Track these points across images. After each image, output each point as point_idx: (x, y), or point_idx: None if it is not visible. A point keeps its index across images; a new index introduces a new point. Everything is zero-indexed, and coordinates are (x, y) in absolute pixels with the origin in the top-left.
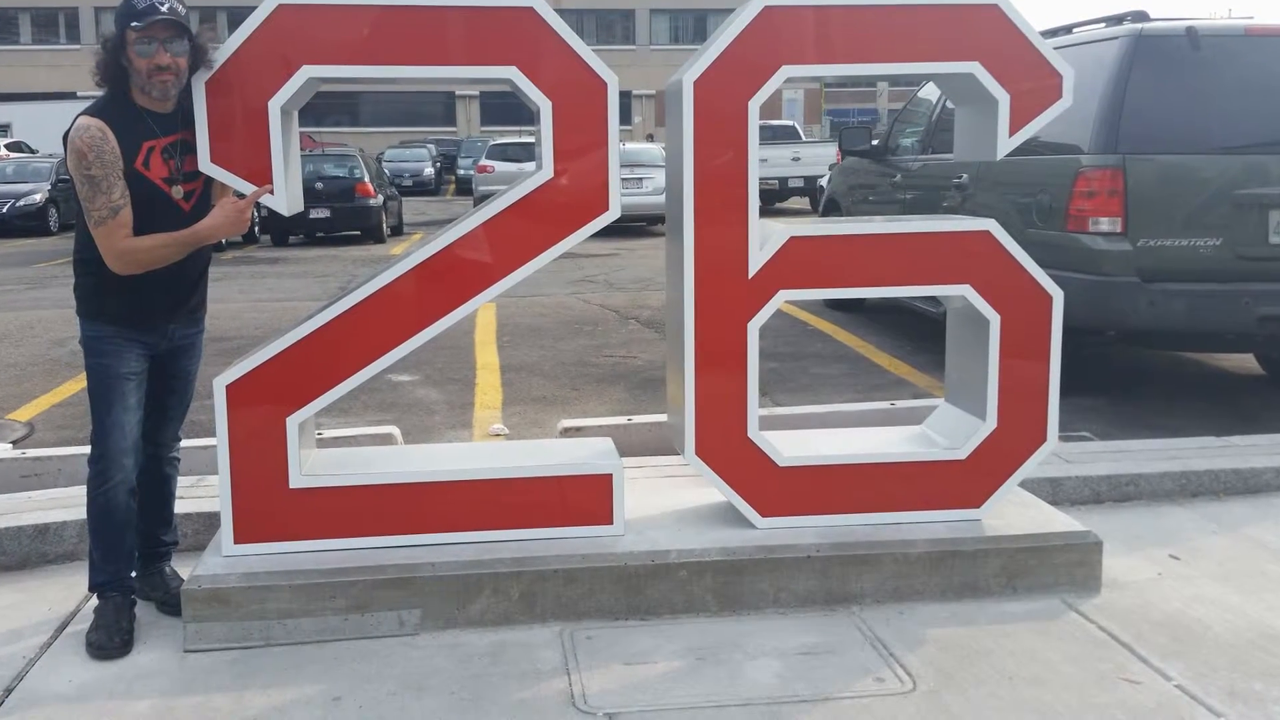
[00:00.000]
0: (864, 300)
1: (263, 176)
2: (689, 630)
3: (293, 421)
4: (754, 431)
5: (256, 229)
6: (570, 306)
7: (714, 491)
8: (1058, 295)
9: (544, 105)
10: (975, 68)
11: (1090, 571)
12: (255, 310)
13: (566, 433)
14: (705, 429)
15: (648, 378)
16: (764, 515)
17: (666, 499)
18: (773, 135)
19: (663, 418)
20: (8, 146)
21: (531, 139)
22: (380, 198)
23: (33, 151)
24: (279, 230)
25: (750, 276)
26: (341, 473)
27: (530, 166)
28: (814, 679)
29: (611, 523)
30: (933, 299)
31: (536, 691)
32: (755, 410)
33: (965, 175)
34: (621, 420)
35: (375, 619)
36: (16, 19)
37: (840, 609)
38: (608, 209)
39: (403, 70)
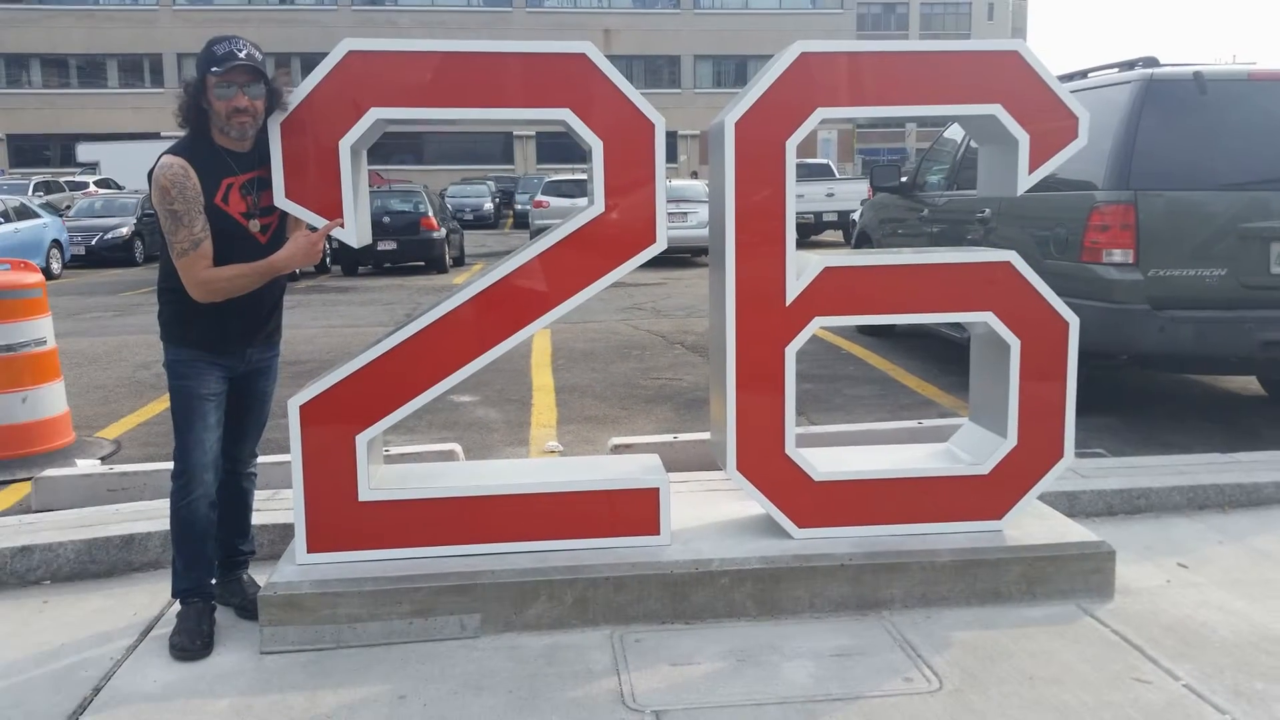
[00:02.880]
0: (894, 326)
1: (334, 211)
2: (730, 634)
3: (362, 439)
4: (791, 448)
5: (328, 260)
6: (620, 332)
7: (754, 504)
8: (1074, 321)
9: (596, 144)
10: (997, 110)
11: (1104, 579)
12: (327, 335)
13: (617, 449)
14: (745, 446)
15: (692, 399)
16: (800, 526)
17: (709, 511)
18: (808, 173)
19: (706, 435)
20: (97, 183)
21: (584, 176)
22: (443, 230)
23: (120, 188)
24: (349, 261)
25: (787, 304)
26: (407, 487)
27: (583, 202)
28: (847, 679)
29: (658, 533)
30: (958, 325)
31: (588, 691)
32: (792, 428)
33: (988, 210)
34: (668, 438)
35: (438, 623)
36: (105, 65)
37: (871, 613)
38: (655, 241)
39: (464, 112)
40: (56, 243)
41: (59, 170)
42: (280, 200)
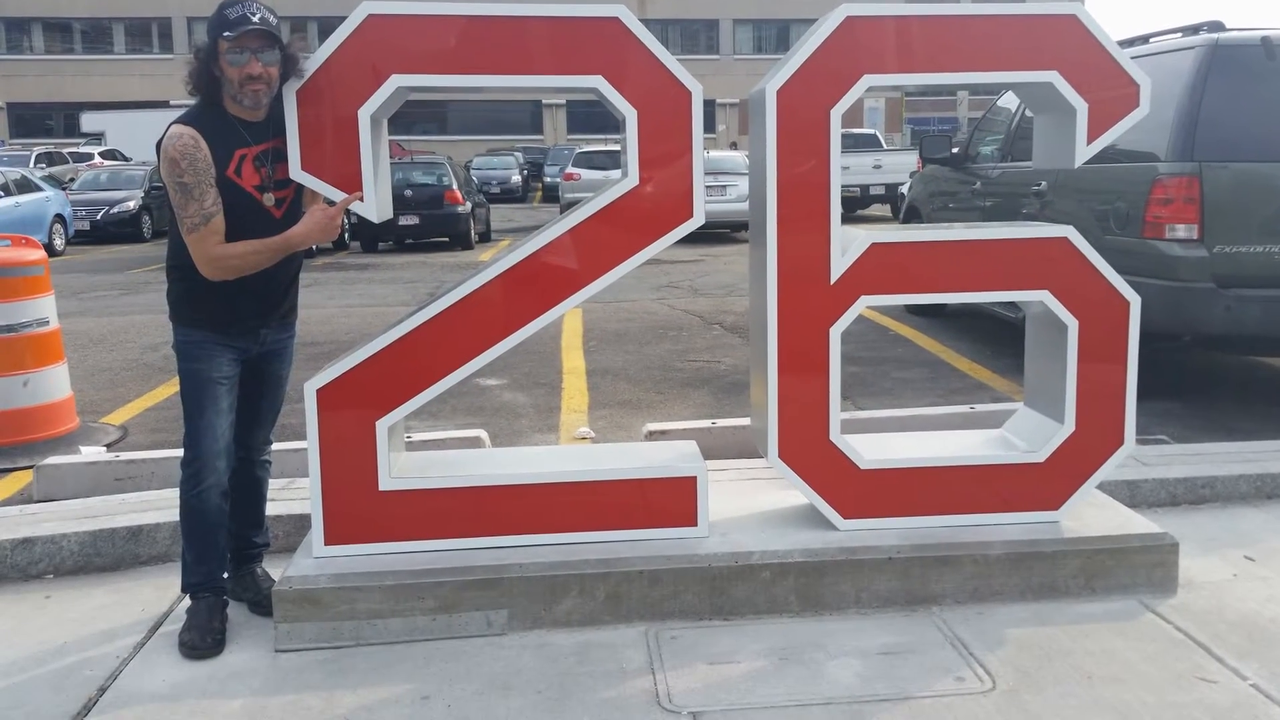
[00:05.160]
0: (944, 305)
1: (353, 184)
2: (771, 630)
3: (382, 425)
4: (836, 434)
5: (347, 236)
6: (655, 312)
7: (796, 494)
8: (1135, 301)
9: (629, 114)
10: (1054, 77)
11: (1167, 573)
12: (345, 315)
13: (651, 436)
14: (788, 432)
15: (731, 382)
16: (846, 517)
17: (749, 501)
18: (854, 143)
19: (746, 421)
20: (102, 154)
21: (617, 147)
22: (468, 205)
23: (126, 159)
24: (369, 237)
25: (832, 282)
26: (430, 475)
27: (616, 174)
28: (895, 678)
29: (695, 524)
30: (1012, 304)
31: (622, 691)
32: (837, 414)
33: (1044, 182)
34: (705, 424)
35: (463, 619)
36: (110, 29)
37: (920, 609)
38: (692, 216)
39: (490, 80)
40: (60, 217)
41: (62, 141)
42: (296, 172)
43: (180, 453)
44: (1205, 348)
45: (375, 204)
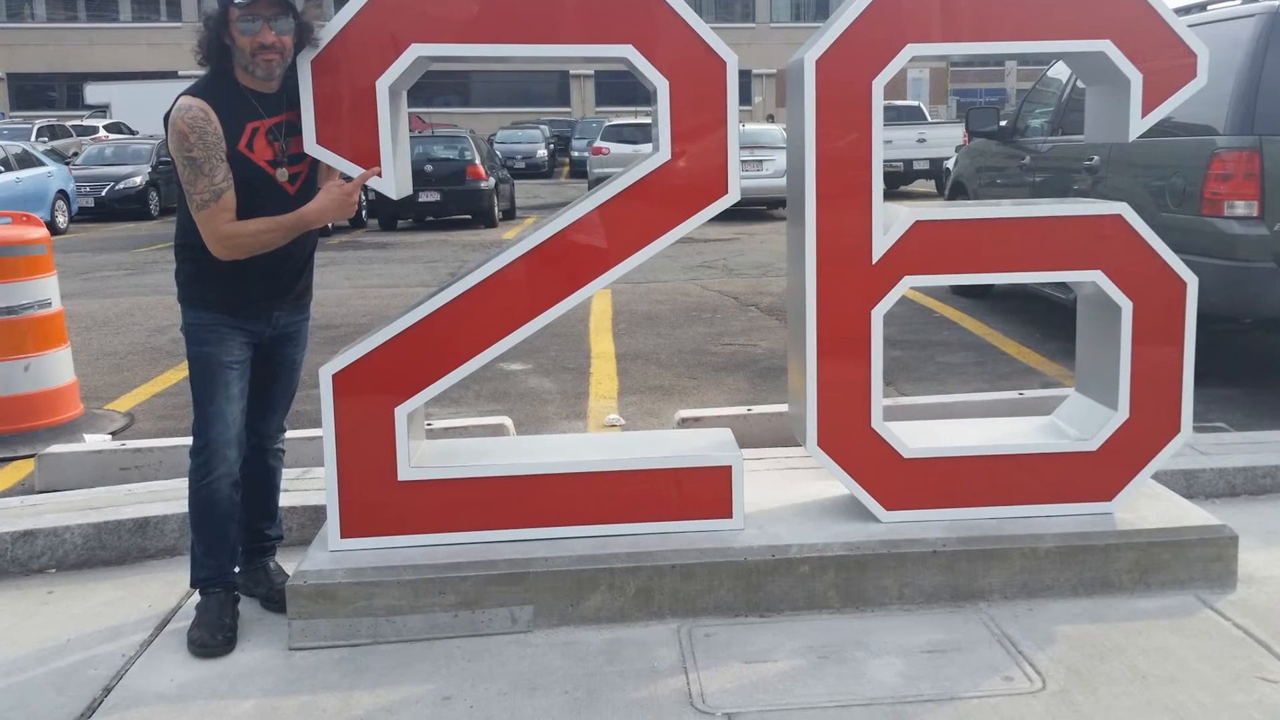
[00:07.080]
0: (991, 286)
1: (370, 159)
2: (810, 627)
3: (401, 412)
4: (878, 422)
5: (364, 213)
6: (688, 293)
7: (836, 484)
8: (1192, 281)
9: (661, 85)
10: (1106, 46)
11: (1226, 567)
12: (362, 297)
13: (684, 423)
14: (828, 419)
15: (768, 367)
16: (888, 508)
17: (787, 492)
18: (897, 116)
19: (783, 408)
20: (107, 128)
21: (648, 120)
22: (492, 180)
23: (133, 133)
24: (387, 214)
25: (874, 262)
26: (452, 465)
27: (647, 148)
28: (940, 678)
29: (730, 516)
30: (1062, 285)
31: (653, 691)
32: (879, 400)
33: (1096, 157)
34: (741, 410)
35: (486, 616)
36: None
37: (967, 605)
38: (727, 192)
39: (515, 49)
40: (62, 194)
41: (65, 113)
42: (311, 147)
43: (189, 441)
44: (1266, 330)
45: (394, 180)
